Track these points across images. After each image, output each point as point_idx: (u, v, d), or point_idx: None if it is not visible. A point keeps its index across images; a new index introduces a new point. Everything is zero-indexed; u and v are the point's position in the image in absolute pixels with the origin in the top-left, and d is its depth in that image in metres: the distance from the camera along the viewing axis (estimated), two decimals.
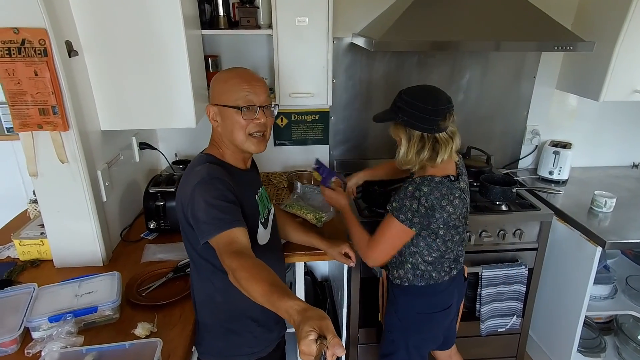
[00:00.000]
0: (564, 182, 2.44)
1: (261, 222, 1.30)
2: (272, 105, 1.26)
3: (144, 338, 1.20)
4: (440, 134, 1.39)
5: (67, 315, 1.18)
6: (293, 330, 0.84)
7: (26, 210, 1.87)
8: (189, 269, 1.48)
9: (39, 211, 1.77)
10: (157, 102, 1.57)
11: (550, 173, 2.44)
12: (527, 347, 2.37)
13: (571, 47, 1.79)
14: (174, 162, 2.19)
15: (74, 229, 1.50)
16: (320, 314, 0.80)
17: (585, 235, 1.95)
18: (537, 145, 2.57)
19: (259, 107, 1.20)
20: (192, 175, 1.17)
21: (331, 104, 2.03)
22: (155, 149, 2.06)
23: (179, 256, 1.59)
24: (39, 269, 1.55)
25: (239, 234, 1.08)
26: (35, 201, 1.81)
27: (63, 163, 1.39)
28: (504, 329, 2.17)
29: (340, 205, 1.64)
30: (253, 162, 1.42)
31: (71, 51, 1.36)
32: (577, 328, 2.06)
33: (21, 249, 1.57)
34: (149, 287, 1.42)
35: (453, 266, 1.58)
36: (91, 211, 1.49)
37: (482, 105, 2.45)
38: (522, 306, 2.13)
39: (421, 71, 2.35)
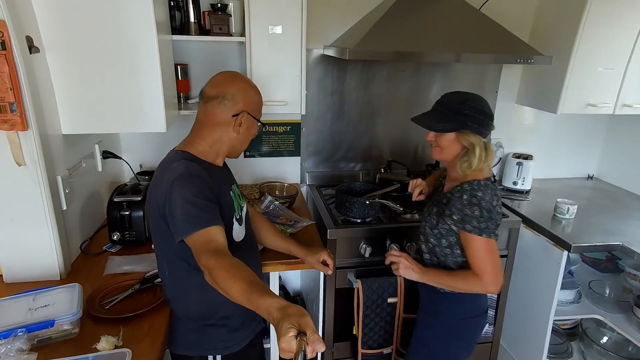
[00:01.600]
0: (527, 192, 2.53)
1: (236, 218, 1.30)
2: None
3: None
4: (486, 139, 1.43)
5: (19, 330, 1.06)
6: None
7: None
8: (157, 280, 1.40)
9: None
10: (125, 105, 1.50)
11: (515, 183, 2.53)
12: (498, 356, 2.39)
13: (531, 60, 1.89)
14: (138, 173, 2.09)
15: (29, 240, 1.37)
16: (300, 310, 0.81)
17: (552, 240, 2.01)
18: (500, 158, 2.67)
19: None
20: (168, 172, 1.15)
21: (304, 113, 2.02)
22: (120, 158, 1.96)
23: (147, 267, 1.49)
24: None
25: (216, 233, 1.07)
26: None
27: (20, 166, 1.28)
28: None
29: (414, 277, 1.53)
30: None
31: (32, 47, 1.28)
32: (546, 333, 2.10)
33: None
34: (113, 300, 1.31)
35: None
36: (49, 219, 1.37)
37: None
38: (493, 314, 2.15)
39: (390, 84, 2.41)
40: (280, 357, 0.78)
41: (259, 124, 1.30)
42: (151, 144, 2.24)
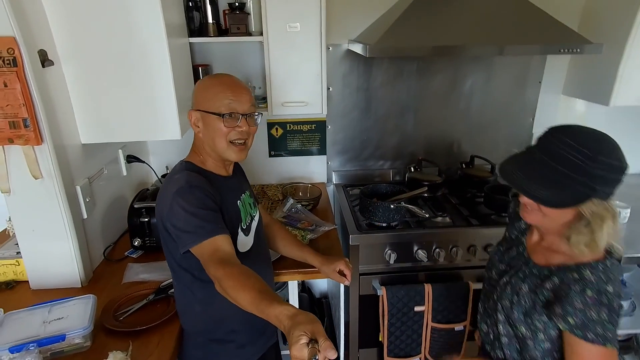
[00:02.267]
0: None
1: (242, 228, 1.26)
2: (256, 114, 1.23)
3: None
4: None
5: (30, 345, 1.08)
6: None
7: (6, 228, 1.79)
8: (171, 290, 1.39)
9: None
10: (139, 113, 1.49)
11: None
12: None
13: (578, 50, 1.69)
14: (163, 176, 2.10)
15: (50, 249, 1.41)
16: (310, 317, 0.80)
17: None
18: None
19: (242, 115, 1.18)
20: (170, 184, 1.15)
21: (326, 113, 1.94)
22: (144, 162, 1.98)
23: (163, 276, 1.50)
24: (14, 292, 1.46)
25: (223, 242, 1.06)
26: None
27: (37, 179, 1.30)
28: None
29: None
30: (239, 167, 1.40)
31: (45, 60, 1.29)
32: None
33: None
34: (127, 311, 1.32)
35: None
36: (69, 230, 1.40)
37: (486, 113, 2.35)
38: None
39: (421, 78, 2.26)
40: None
41: (218, 115, 1.15)
42: (177, 146, 2.23)
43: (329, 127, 2.33)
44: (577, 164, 0.92)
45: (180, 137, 1.55)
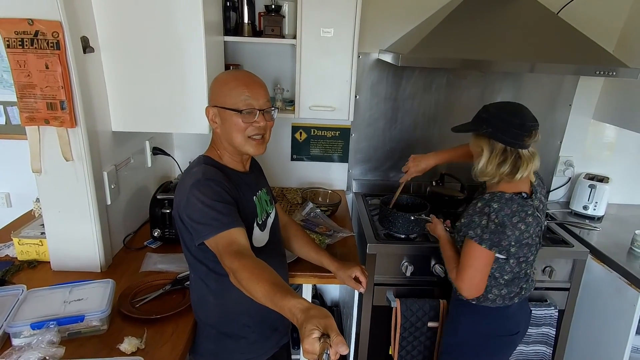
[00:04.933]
0: (599, 219, 2.26)
1: (257, 223, 1.27)
2: (272, 109, 1.25)
3: (129, 355, 1.10)
4: (523, 150, 1.35)
5: (50, 323, 1.09)
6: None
7: (32, 209, 1.83)
8: (187, 282, 1.40)
9: None
10: (171, 106, 1.52)
11: (585, 208, 2.26)
12: None
13: (614, 73, 1.66)
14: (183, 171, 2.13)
15: (74, 231, 1.43)
16: (323, 312, 0.80)
17: (626, 279, 1.76)
18: (570, 177, 2.41)
19: (259, 110, 1.19)
20: (188, 177, 1.17)
21: (352, 120, 1.94)
22: (169, 155, 2.00)
23: (180, 267, 1.50)
24: (35, 271, 1.49)
25: (238, 235, 1.07)
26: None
27: (67, 161, 1.33)
28: None
29: (436, 233, 1.63)
30: (257, 165, 1.42)
31: (87, 47, 1.32)
32: None
33: (20, 248, 1.52)
34: (143, 299, 1.33)
35: (525, 286, 1.49)
36: (93, 213, 1.42)
37: None
38: (551, 351, 1.94)
39: (450, 92, 2.25)
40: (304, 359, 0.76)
41: (236, 111, 1.16)
42: (203, 141, 2.27)
43: (353, 135, 2.32)
44: (478, 112, 1.43)
45: (208, 132, 1.57)
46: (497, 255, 1.38)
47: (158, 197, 1.69)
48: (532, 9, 1.81)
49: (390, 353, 1.94)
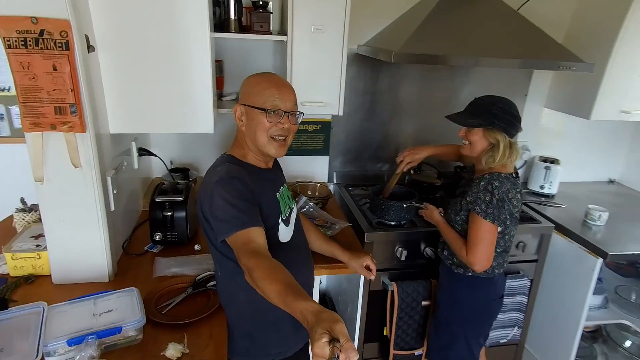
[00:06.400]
0: (553, 196, 2.54)
1: (282, 219, 1.30)
2: (297, 113, 1.28)
3: None
4: (513, 139, 1.59)
5: (89, 337, 1.05)
6: None
7: (11, 219, 1.68)
8: (209, 284, 1.39)
9: (28, 221, 1.61)
10: (174, 105, 1.48)
11: (542, 187, 2.53)
12: (522, 359, 2.41)
13: (574, 68, 1.87)
14: (172, 170, 2.06)
15: (81, 241, 1.36)
16: (334, 317, 0.80)
17: (586, 248, 2.02)
18: (526, 161, 2.67)
19: (285, 112, 1.22)
20: (212, 175, 1.19)
21: (342, 114, 2.00)
22: (155, 155, 1.93)
23: (195, 270, 1.48)
24: (35, 286, 1.39)
25: (256, 234, 1.09)
26: (24, 210, 1.64)
27: (76, 168, 1.25)
28: (505, 340, 2.20)
29: (434, 220, 1.76)
30: (277, 163, 1.45)
31: (90, 46, 1.25)
32: (575, 338, 2.12)
33: (13, 264, 1.40)
34: (168, 304, 1.30)
35: (506, 258, 1.71)
36: (101, 221, 1.36)
37: None
38: (523, 316, 2.17)
39: (423, 85, 2.39)
40: None
41: (262, 110, 1.19)
42: (181, 141, 2.22)
43: (333, 128, 2.39)
44: (485, 106, 1.56)
45: (213, 132, 1.55)
46: (498, 228, 1.55)
47: (157, 199, 1.64)
48: (500, 9, 1.98)
49: (385, 334, 2.05)
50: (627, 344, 2.40)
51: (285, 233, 1.31)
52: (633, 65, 2.15)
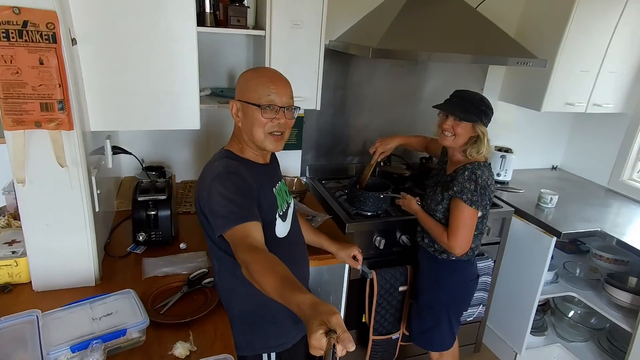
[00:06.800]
0: (507, 183, 2.75)
1: (279, 215, 1.31)
2: (294, 108, 1.29)
3: (184, 359, 1.08)
4: None
5: (94, 341, 1.01)
6: None
7: None
8: (205, 281, 1.38)
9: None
10: (159, 101, 1.44)
11: (498, 175, 2.73)
12: (484, 335, 2.60)
13: (530, 63, 2.04)
14: (145, 169, 1.99)
15: (65, 244, 1.29)
16: (330, 309, 0.82)
17: (541, 228, 2.22)
18: None
19: (280, 107, 1.22)
20: (210, 170, 1.20)
21: (319, 109, 2.03)
22: (130, 153, 1.85)
23: (186, 268, 1.46)
24: (14, 295, 1.30)
25: (253, 229, 1.10)
26: None
27: (62, 167, 1.19)
28: (471, 318, 2.37)
29: (412, 209, 1.85)
30: (275, 157, 1.45)
31: (73, 39, 1.19)
32: (532, 312, 2.33)
33: None
34: (164, 305, 1.28)
35: (478, 242, 1.82)
36: (88, 223, 1.30)
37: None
38: (487, 295, 2.34)
39: (390, 80, 2.48)
40: (310, 354, 0.80)
41: (257, 106, 1.19)
42: (151, 139, 2.15)
43: (305, 122, 2.42)
44: (476, 102, 1.66)
45: (199, 127, 1.53)
46: (480, 213, 1.68)
47: (139, 199, 1.59)
48: (462, 8, 2.11)
49: (364, 320, 2.13)
50: (571, 313, 2.67)
51: (282, 228, 1.33)
52: (576, 62, 2.37)
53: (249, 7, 1.86)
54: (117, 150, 1.80)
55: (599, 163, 2.84)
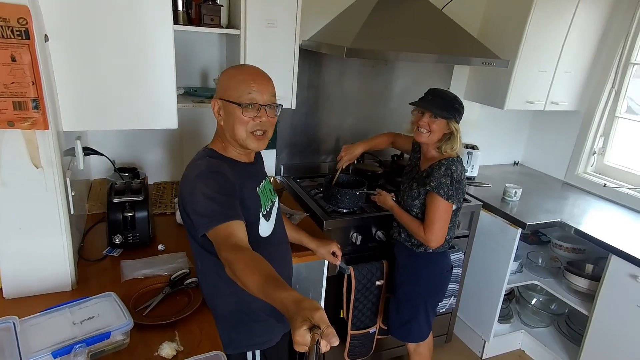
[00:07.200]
0: (474, 178, 2.87)
1: (263, 214, 1.31)
2: (276, 105, 1.28)
3: (171, 359, 1.07)
4: None
5: (78, 345, 0.99)
6: None
7: None
8: (187, 281, 1.37)
9: None
10: (135, 100, 1.41)
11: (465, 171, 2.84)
12: (455, 326, 2.70)
13: (494, 64, 2.15)
14: (118, 170, 1.93)
15: (40, 248, 1.24)
16: (314, 305, 0.83)
17: (507, 220, 2.34)
18: None
19: (262, 105, 1.21)
20: (192, 169, 1.19)
21: (294, 108, 2.05)
22: (102, 154, 1.79)
23: (166, 269, 1.44)
24: None
25: (237, 228, 1.10)
26: None
27: (37, 168, 1.15)
28: (443, 310, 2.45)
29: (388, 205, 1.90)
30: (259, 156, 1.45)
31: (45, 35, 1.15)
32: (499, 301, 2.45)
33: None
34: (147, 306, 1.26)
35: (452, 234, 1.90)
36: (63, 226, 1.26)
37: (407, 113, 2.73)
38: (458, 286, 2.44)
39: (362, 79, 2.53)
40: (294, 350, 0.80)
41: (238, 105, 1.18)
42: (122, 139, 2.09)
43: (279, 122, 2.42)
44: (451, 100, 1.75)
45: (177, 127, 1.51)
46: (455, 207, 1.74)
47: (115, 200, 1.55)
48: (430, 8, 2.18)
49: (341, 316, 2.17)
50: (534, 301, 2.82)
51: (265, 228, 1.32)
52: (534, 62, 2.50)
53: (222, 6, 1.85)
54: (88, 151, 1.74)
55: (556, 158, 3.02)
